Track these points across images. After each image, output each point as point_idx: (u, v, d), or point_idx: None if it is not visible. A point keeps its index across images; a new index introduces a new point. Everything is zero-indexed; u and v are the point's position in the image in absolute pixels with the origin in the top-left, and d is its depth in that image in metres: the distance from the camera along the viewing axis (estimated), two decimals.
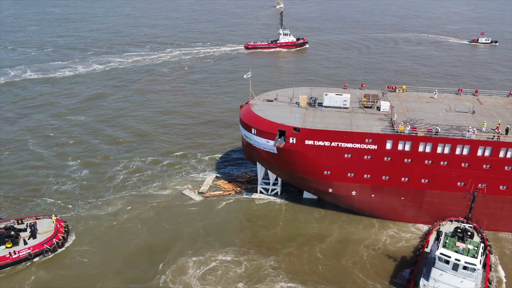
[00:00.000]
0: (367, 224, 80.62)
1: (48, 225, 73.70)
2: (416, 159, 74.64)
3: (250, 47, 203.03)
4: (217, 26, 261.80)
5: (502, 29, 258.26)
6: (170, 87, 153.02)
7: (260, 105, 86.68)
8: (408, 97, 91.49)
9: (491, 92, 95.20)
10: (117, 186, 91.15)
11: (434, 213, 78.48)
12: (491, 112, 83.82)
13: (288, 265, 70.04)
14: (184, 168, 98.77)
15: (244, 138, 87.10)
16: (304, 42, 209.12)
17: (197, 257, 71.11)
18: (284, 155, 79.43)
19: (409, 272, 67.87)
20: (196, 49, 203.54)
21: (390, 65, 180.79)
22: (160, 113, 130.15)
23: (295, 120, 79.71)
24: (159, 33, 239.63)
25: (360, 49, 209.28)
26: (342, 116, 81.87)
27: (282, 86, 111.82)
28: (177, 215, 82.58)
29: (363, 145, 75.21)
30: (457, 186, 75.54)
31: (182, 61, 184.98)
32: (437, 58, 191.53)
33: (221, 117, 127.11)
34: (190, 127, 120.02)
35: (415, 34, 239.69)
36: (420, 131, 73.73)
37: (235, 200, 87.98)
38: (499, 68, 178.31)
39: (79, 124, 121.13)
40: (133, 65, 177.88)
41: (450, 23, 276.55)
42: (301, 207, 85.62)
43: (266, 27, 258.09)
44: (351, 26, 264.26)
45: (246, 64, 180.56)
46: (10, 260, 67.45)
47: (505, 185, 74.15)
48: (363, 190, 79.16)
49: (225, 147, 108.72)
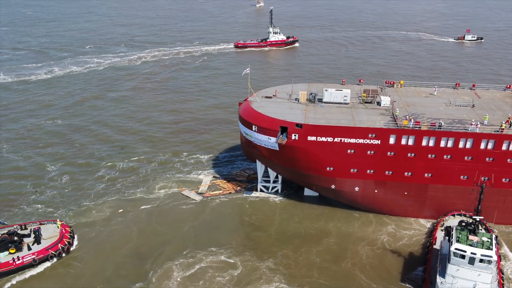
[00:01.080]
0: (364, 221, 79.58)
1: (53, 230, 70.96)
2: (420, 153, 74.25)
3: (240, 46, 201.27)
4: (197, 25, 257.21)
5: (481, 26, 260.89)
6: (152, 88, 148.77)
7: (259, 101, 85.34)
8: (407, 92, 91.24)
9: (488, 86, 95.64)
10: (107, 190, 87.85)
11: (438, 207, 78.22)
12: (490, 105, 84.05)
13: (285, 268, 68.11)
14: (177, 169, 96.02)
15: (243, 135, 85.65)
16: (294, 40, 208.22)
17: (191, 259, 69.10)
18: (286, 152, 78.24)
19: (422, 271, 66.76)
20: (176, 49, 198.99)
21: (383, 62, 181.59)
22: (143, 114, 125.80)
23: (296, 116, 78.60)
24: (136, 33, 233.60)
25: (347, 46, 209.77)
26: (343, 111, 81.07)
27: (275, 84, 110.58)
28: (178, 215, 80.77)
29: (366, 140, 74.51)
30: (460, 179, 75.41)
31: (162, 61, 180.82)
32: (428, 55, 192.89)
33: (209, 116, 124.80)
34: (176, 128, 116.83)
35: (399, 32, 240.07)
36: (424, 125, 73.35)
37: (235, 199, 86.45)
38: (487, 62, 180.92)
39: (57, 129, 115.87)
40: (112, 66, 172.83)
41: (428, 21, 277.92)
42: (301, 205, 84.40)
43: (248, 26, 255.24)
44: (331, 24, 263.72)
45: (235, 62, 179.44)
46: (14, 266, 64.71)
47: (508, 177, 74.24)
48: (366, 186, 78.48)
49: (217, 147, 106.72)
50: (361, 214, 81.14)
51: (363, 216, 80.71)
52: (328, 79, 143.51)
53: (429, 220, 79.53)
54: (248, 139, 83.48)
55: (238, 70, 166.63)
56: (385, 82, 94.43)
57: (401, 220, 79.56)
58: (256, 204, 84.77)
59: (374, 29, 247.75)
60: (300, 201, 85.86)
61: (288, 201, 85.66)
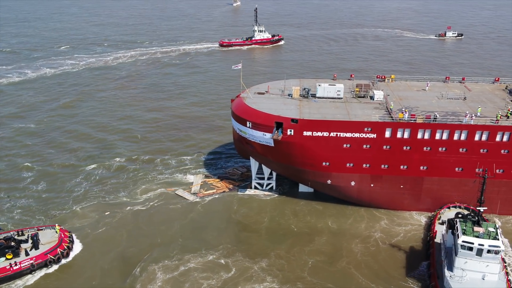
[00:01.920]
0: (358, 217, 78.90)
1: (51, 235, 68.49)
2: (415, 146, 74.37)
3: (225, 44, 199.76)
4: (174, 25, 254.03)
5: (456, 23, 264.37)
6: (131, 88, 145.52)
7: (252, 98, 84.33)
8: (398, 86, 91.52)
9: (477, 79, 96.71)
10: (90, 193, 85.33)
11: (433, 200, 78.53)
12: (481, 98, 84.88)
13: (278, 268, 66.44)
14: (163, 170, 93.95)
15: (236, 132, 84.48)
16: (279, 38, 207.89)
17: (179, 261, 67.42)
18: (282, 148, 77.42)
19: (426, 266, 66.32)
20: (153, 49, 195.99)
21: (369, 58, 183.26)
22: (123, 115, 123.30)
23: (291, 112, 77.86)
24: (110, 33, 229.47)
25: (329, 43, 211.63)
26: (337, 106, 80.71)
27: (264, 81, 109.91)
28: (171, 216, 78.99)
29: (362, 134, 74.25)
30: (455, 171, 75.85)
31: (140, 61, 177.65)
32: (413, 52, 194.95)
33: (191, 115, 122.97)
34: (158, 128, 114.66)
35: (381, 30, 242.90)
36: (419, 118, 73.49)
37: (229, 198, 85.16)
38: (470, 57, 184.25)
39: (33, 132, 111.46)
40: (88, 67, 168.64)
41: (404, 19, 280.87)
42: (296, 201, 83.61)
43: (226, 25, 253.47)
44: (309, 22, 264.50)
45: (217, 61, 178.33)
46: (11, 272, 62.17)
47: (502, 168, 74.96)
48: (362, 180, 78.24)
49: (201, 145, 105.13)
50: (358, 210, 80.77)
51: (357, 211, 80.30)
52: (317, 75, 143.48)
53: (421, 212, 79.64)
54: (241, 135, 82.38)
55: (222, 69, 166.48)
56: (376, 76, 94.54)
57: (394, 215, 79.21)
58: (250, 202, 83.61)
59: (353, 27, 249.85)
60: (295, 197, 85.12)
61: (282, 198, 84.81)
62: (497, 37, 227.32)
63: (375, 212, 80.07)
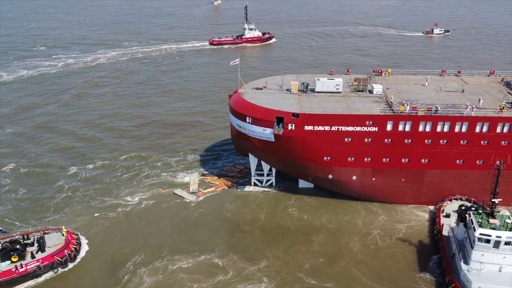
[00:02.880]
0: (360, 212, 78.17)
1: (58, 238, 66.19)
2: (417, 139, 74.09)
3: (215, 43, 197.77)
4: (154, 25, 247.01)
5: (436, 20, 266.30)
6: (112, 90, 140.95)
7: (250, 93, 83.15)
8: (396, 80, 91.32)
9: (472, 72, 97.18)
10: (74, 199, 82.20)
11: (434, 193, 78.42)
12: (479, 90, 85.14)
13: (276, 270, 64.77)
14: (156, 170, 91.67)
15: (235, 128, 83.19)
16: (270, 36, 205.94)
17: (170, 262, 65.98)
18: (282, 143, 76.42)
19: (437, 260, 65.76)
20: (133, 49, 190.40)
21: (364, 54, 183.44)
22: (106, 116, 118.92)
23: (291, 106, 76.94)
24: (88, 33, 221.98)
25: (318, 40, 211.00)
26: (337, 100, 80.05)
27: (259, 77, 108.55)
28: (167, 216, 77.33)
29: (364, 127, 73.70)
30: (456, 164, 75.76)
31: (120, 62, 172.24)
32: (404, 48, 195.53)
33: (176, 116, 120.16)
34: (143, 129, 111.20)
35: (367, 28, 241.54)
36: (420, 110, 73.21)
37: (227, 195, 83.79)
38: (459, 52, 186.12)
39: (8, 138, 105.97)
40: (66, 69, 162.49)
41: (384, 16, 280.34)
42: (296, 197, 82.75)
43: (208, 24, 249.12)
44: (290, 20, 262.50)
45: (209, 61, 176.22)
46: (16, 274, 59.91)
47: (502, 160, 75.01)
48: (363, 174, 77.71)
49: (193, 144, 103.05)
50: (356, 205, 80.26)
51: (356, 207, 79.65)
52: (311, 71, 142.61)
53: (418, 206, 79.43)
54: (241, 131, 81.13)
55: (210, 67, 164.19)
56: (373, 71, 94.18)
57: (392, 210, 78.66)
58: (248, 199, 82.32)
59: (339, 25, 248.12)
60: (295, 193, 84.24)
61: (282, 194, 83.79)
62: (478, 33, 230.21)
63: (374, 207, 79.41)
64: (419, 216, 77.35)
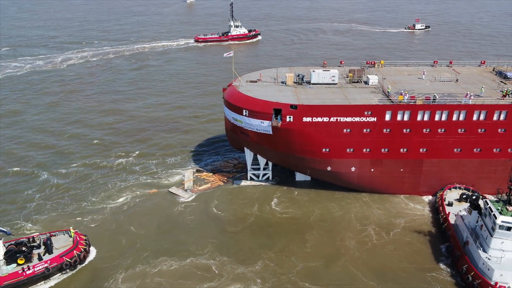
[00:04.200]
0: (357, 206, 77.10)
1: (66, 240, 63.60)
2: (415, 128, 73.84)
3: (200, 40, 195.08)
4: (125, 24, 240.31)
5: (409, 17, 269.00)
6: (85, 90, 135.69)
7: (245, 86, 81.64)
8: (389, 71, 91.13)
9: (464, 63, 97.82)
10: (57, 200, 79.23)
11: (433, 182, 78.37)
12: (472, 79, 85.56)
13: (269, 272, 62.02)
14: (149, 168, 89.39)
15: (230, 122, 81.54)
16: (256, 33, 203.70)
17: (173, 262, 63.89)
18: (280, 135, 75.19)
19: (447, 248, 65.39)
20: (104, 49, 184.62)
21: (354, 49, 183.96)
22: (79, 118, 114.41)
23: (288, 98, 75.76)
24: (55, 34, 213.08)
25: (301, 36, 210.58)
26: (334, 91, 79.25)
27: (250, 72, 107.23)
28: (156, 215, 74.99)
29: (363, 118, 73.06)
30: (454, 153, 75.83)
31: (90, 62, 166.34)
32: (391, 43, 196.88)
33: (151, 114, 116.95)
34: (120, 129, 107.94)
35: (350, 25, 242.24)
36: (418, 100, 72.98)
37: (224, 191, 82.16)
38: (440, 46, 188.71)
39: None
40: (34, 71, 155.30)
41: (357, 13, 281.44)
42: (292, 191, 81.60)
43: (183, 23, 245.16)
44: (264, 18, 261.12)
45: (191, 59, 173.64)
46: (23, 277, 57.22)
47: (499, 147, 75.54)
48: (362, 165, 77.10)
49: (185, 142, 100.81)
50: (357, 197, 79.70)
51: (358, 199, 78.94)
52: (303, 64, 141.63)
53: (411, 197, 79.19)
54: (236, 125, 79.53)
55: (186, 66, 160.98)
56: (366, 62, 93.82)
57: (387, 202, 77.93)
58: (245, 194, 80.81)
59: (312, 22, 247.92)
60: (292, 186, 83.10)
61: (278, 188, 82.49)
62: (450, 28, 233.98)
63: (369, 200, 78.63)
64: (415, 207, 76.97)
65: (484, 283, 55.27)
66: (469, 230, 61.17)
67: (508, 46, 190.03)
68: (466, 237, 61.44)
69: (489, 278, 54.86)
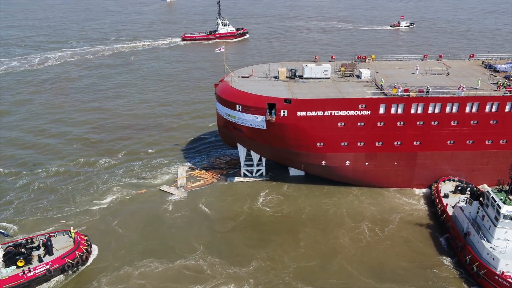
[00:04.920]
0: (337, 203, 76.14)
1: (66, 241, 61.68)
2: (409, 121, 73.95)
3: (187, 38, 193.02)
4: (104, 23, 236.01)
5: (389, 15, 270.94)
6: (65, 92, 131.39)
7: (238, 81, 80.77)
8: (380, 66, 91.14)
9: (453, 57, 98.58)
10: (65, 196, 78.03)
11: (426, 175, 78.64)
12: (462, 73, 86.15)
13: (262, 273, 59.95)
14: (136, 168, 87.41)
15: (223, 117, 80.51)
16: (244, 32, 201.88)
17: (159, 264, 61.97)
18: (275, 130, 74.55)
19: (447, 239, 65.41)
20: (82, 48, 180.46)
21: (343, 45, 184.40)
22: (57, 118, 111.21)
23: (282, 93, 75.14)
24: (30, 34, 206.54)
25: (288, 34, 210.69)
26: (327, 85, 78.92)
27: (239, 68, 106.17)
28: (158, 215, 73.13)
29: (357, 111, 72.85)
30: (447, 145, 76.20)
31: (68, 63, 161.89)
32: (379, 40, 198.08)
33: (133, 113, 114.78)
34: (104, 130, 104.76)
35: (327, 22, 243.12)
36: (412, 92, 73.10)
37: (217, 188, 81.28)
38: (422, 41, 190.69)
39: None
40: (10, 72, 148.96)
41: (336, 11, 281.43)
42: (285, 187, 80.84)
43: (163, 22, 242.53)
44: (244, 17, 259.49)
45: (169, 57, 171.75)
46: (24, 279, 55.14)
47: (491, 139, 76.16)
48: (357, 159, 76.95)
49: (175, 140, 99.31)
50: (350, 191, 79.45)
51: (351, 193, 78.65)
52: (293, 60, 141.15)
53: (402, 190, 79.30)
54: (229, 120, 78.58)
55: (161, 66, 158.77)
56: (357, 57, 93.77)
57: (381, 196, 77.93)
58: (238, 191, 79.78)
59: (301, 21, 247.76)
60: (286, 182, 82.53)
61: (272, 185, 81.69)
62: (432, 25, 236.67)
63: (364, 195, 78.31)
64: (408, 201, 76.84)
65: (490, 272, 55.41)
66: (470, 221, 61.25)
67: (493, 40, 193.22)
68: (467, 228, 61.56)
69: (495, 267, 55.06)
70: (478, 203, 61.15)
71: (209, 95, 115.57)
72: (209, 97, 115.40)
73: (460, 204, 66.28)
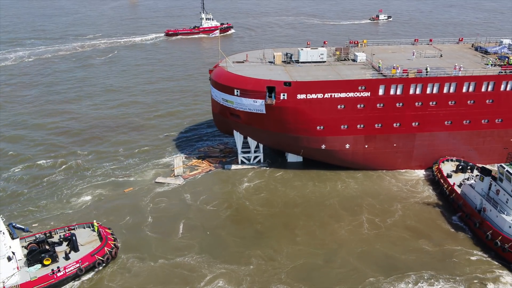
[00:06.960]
0: (345, 187, 74.96)
1: (88, 235, 58.06)
2: (407, 102, 73.95)
3: (170, 33, 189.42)
4: (62, 22, 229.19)
5: (361, 9, 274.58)
6: (25, 93, 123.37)
7: (234, 66, 79.18)
8: (373, 50, 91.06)
9: (442, 40, 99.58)
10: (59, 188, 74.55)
11: (425, 156, 78.89)
12: (454, 55, 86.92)
13: (260, 272, 56.07)
14: (133, 159, 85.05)
15: (219, 103, 78.77)
16: (228, 26, 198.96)
17: None
18: (274, 114, 73.35)
19: (460, 217, 65.13)
20: (39, 48, 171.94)
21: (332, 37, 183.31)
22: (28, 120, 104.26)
23: (280, 76, 74.02)
24: None
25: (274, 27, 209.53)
26: (324, 69, 78.24)
27: None
28: (150, 211, 68.86)
29: (357, 93, 72.39)
30: (445, 125, 76.60)
31: (24, 63, 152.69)
32: (367, 33, 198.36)
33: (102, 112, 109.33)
34: (73, 128, 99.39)
35: (295, 17, 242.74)
36: (411, 73, 73.13)
37: (214, 176, 79.27)
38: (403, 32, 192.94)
39: None
40: None
41: (302, 7, 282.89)
42: (283, 174, 79.28)
43: (126, 20, 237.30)
44: (220, 13, 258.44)
45: None
46: (55, 280, 51.14)
47: (486, 118, 76.99)
48: (356, 142, 76.53)
49: (167, 130, 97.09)
50: (349, 176, 78.81)
51: (350, 179, 77.77)
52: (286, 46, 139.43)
53: (399, 172, 79.43)
54: (226, 106, 76.95)
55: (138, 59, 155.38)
56: (349, 42, 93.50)
57: (380, 178, 77.70)
58: (236, 179, 77.80)
59: (269, 17, 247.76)
60: (284, 168, 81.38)
61: (269, 172, 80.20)
62: (407, 18, 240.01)
63: (366, 178, 77.83)
64: (405, 186, 75.82)
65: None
66: (485, 197, 61.31)
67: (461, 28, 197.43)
68: (480, 204, 61.65)
69: None
70: (490, 178, 61.35)
71: (198, 87, 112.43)
72: (198, 88, 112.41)
73: (468, 181, 66.36)
